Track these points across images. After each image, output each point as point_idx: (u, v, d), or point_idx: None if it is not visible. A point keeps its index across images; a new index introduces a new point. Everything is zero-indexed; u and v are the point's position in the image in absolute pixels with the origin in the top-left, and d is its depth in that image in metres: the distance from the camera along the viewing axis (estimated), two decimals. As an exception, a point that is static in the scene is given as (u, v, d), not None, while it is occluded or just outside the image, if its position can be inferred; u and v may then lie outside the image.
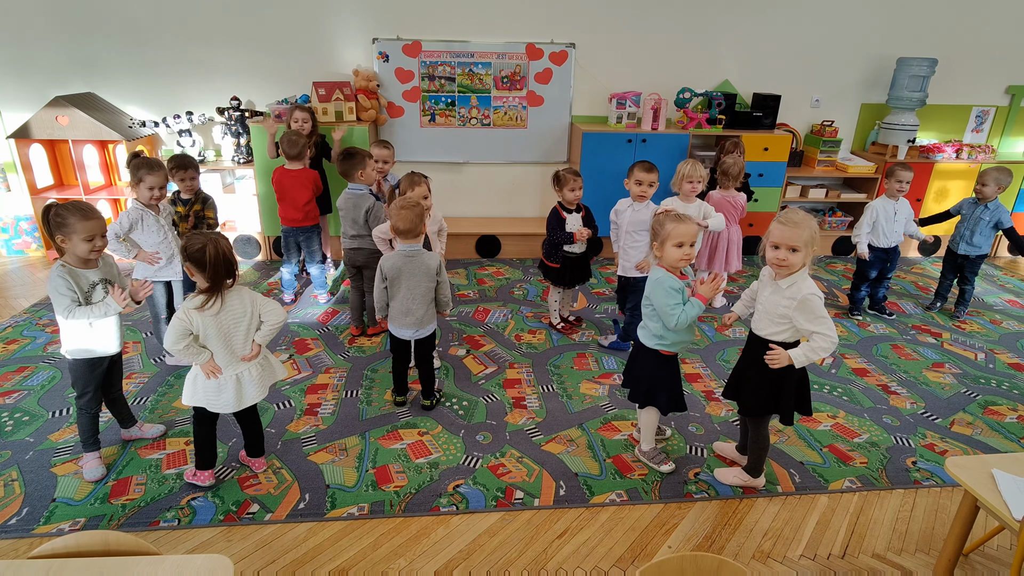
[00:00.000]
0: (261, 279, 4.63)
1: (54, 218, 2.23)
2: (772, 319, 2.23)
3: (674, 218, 2.30)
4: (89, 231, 2.24)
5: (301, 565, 2.14)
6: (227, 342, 2.26)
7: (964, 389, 3.38)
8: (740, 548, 2.27)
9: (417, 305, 2.81)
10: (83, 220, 2.23)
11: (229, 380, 2.31)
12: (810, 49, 5.25)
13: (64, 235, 2.23)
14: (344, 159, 3.53)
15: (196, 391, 2.32)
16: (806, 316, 2.13)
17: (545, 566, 2.17)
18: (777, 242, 2.14)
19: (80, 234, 2.23)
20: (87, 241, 2.24)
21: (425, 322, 2.86)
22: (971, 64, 5.40)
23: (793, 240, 2.10)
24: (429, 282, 2.80)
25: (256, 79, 4.90)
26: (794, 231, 2.10)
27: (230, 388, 2.31)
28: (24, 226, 4.88)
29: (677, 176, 3.62)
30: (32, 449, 2.67)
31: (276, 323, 2.33)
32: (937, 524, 2.41)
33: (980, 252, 4.08)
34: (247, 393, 2.36)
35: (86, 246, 2.25)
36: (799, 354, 2.15)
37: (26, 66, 4.69)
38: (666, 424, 2.93)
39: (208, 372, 2.26)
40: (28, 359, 3.40)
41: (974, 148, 5.31)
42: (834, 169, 5.35)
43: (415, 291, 2.79)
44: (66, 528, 2.26)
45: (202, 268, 2.12)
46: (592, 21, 4.98)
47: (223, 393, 2.31)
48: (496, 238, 5.18)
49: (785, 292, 2.17)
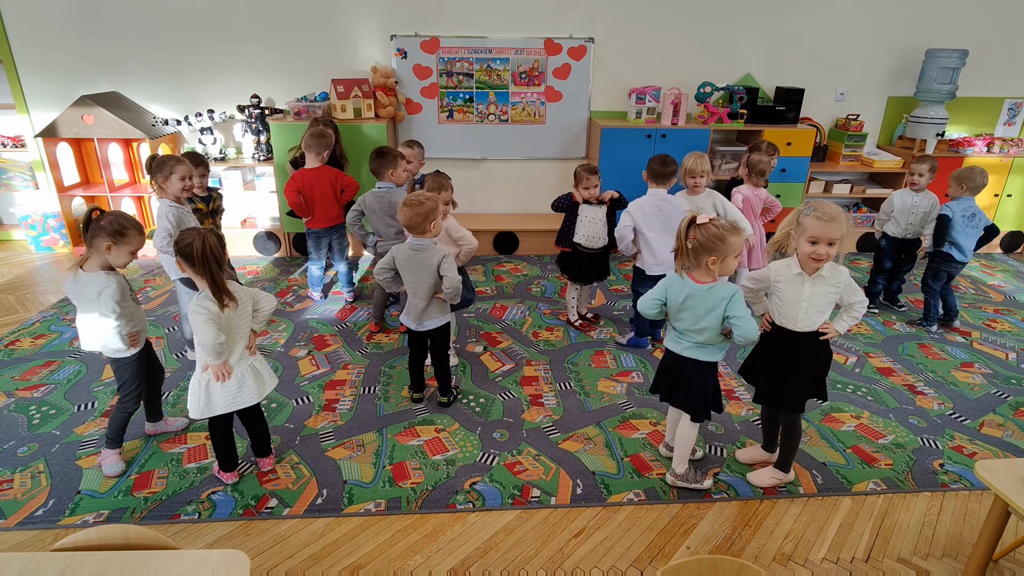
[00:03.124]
0: (281, 275, 4.67)
1: (110, 224, 2.29)
2: (821, 309, 2.28)
3: (733, 230, 2.17)
4: (139, 245, 2.38)
5: (318, 560, 2.15)
6: (237, 339, 2.28)
7: (994, 390, 3.29)
8: (760, 550, 2.23)
9: (419, 299, 2.82)
10: (139, 235, 2.35)
11: (247, 373, 2.34)
12: (835, 41, 5.13)
13: (116, 243, 2.31)
14: (376, 157, 3.53)
15: (211, 400, 2.29)
16: (851, 292, 2.29)
17: (561, 565, 2.15)
18: (816, 237, 2.15)
19: (131, 246, 2.35)
20: (132, 254, 2.37)
21: (427, 316, 2.85)
22: (1003, 55, 5.24)
23: (833, 234, 2.13)
24: (431, 278, 2.78)
25: (275, 77, 4.94)
26: (833, 226, 2.13)
27: (250, 380, 2.34)
28: (52, 223, 4.98)
29: (680, 170, 3.56)
30: (58, 442, 2.73)
31: (270, 309, 2.40)
32: (965, 529, 2.34)
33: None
34: (267, 380, 2.42)
35: (129, 258, 2.37)
36: (844, 326, 2.32)
37: (53, 66, 4.78)
38: (698, 444, 2.79)
39: (220, 374, 2.27)
40: (55, 353, 3.48)
41: (1006, 142, 5.15)
42: (859, 164, 5.23)
43: (417, 285, 2.80)
44: (90, 520, 2.31)
45: (191, 262, 2.13)
46: (611, 15, 4.92)
47: (244, 388, 2.33)
48: (514, 235, 5.17)
49: (829, 280, 2.24)
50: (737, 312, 2.19)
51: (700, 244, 2.17)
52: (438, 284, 2.80)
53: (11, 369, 3.32)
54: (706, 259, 2.18)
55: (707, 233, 2.15)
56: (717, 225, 2.16)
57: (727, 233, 2.14)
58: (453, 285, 2.75)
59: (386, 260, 2.84)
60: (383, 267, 2.84)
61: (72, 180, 4.92)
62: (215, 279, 2.14)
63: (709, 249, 2.16)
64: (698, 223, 2.17)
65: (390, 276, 2.85)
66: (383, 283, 2.88)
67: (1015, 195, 5.20)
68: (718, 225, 2.16)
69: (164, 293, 4.29)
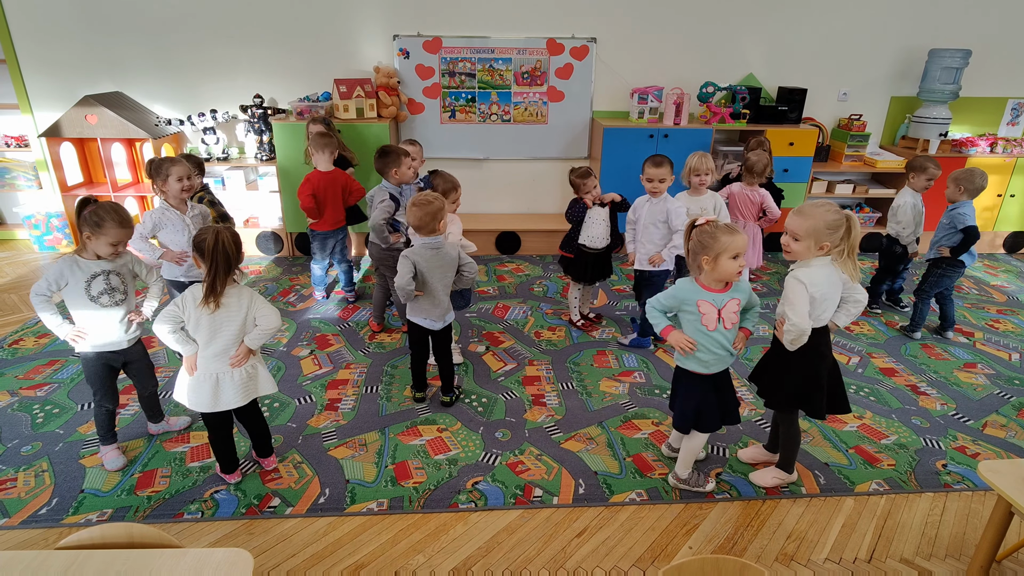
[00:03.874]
0: (283, 275, 4.68)
1: (91, 215, 2.26)
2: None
3: (727, 230, 2.15)
4: (118, 238, 2.30)
5: (320, 559, 2.15)
6: (213, 338, 2.23)
7: (997, 390, 3.28)
8: (763, 550, 2.23)
9: (443, 296, 2.86)
10: (118, 227, 2.29)
11: (207, 379, 2.27)
12: (837, 41, 5.13)
13: (93, 233, 2.27)
14: (380, 156, 3.53)
15: (181, 388, 2.33)
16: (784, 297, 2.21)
17: (564, 565, 2.15)
18: (785, 228, 2.24)
19: (109, 237, 2.28)
20: (111, 245, 2.31)
21: (449, 310, 2.92)
22: (1007, 55, 5.23)
23: (794, 228, 2.18)
24: (452, 273, 2.85)
25: (278, 77, 4.94)
26: (796, 220, 2.18)
27: (207, 387, 2.27)
28: (55, 223, 4.99)
29: (684, 169, 3.57)
30: (62, 441, 2.74)
31: (269, 328, 2.26)
32: (968, 529, 2.34)
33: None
34: (223, 396, 2.28)
35: (109, 249, 2.31)
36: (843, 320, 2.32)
37: (57, 65, 4.79)
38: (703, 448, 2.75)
39: (188, 367, 2.27)
40: (58, 352, 3.48)
41: (1009, 142, 5.14)
42: (862, 164, 5.23)
43: (443, 282, 2.83)
44: (94, 518, 2.31)
45: (202, 255, 2.14)
46: (613, 15, 4.92)
47: (198, 392, 2.28)
48: (516, 235, 5.17)
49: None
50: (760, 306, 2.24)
51: (695, 244, 2.21)
52: (452, 278, 2.87)
53: (15, 368, 3.32)
54: (700, 259, 2.20)
55: (701, 232, 2.19)
56: (713, 224, 2.18)
57: (719, 232, 2.15)
58: (474, 270, 2.88)
59: (407, 269, 2.72)
60: (406, 278, 2.71)
61: (75, 180, 4.93)
62: (215, 277, 2.14)
63: (703, 247, 2.17)
64: (696, 225, 2.20)
65: (413, 285, 2.76)
66: (406, 296, 2.77)
67: (1018, 195, 5.19)
68: (713, 224, 2.18)
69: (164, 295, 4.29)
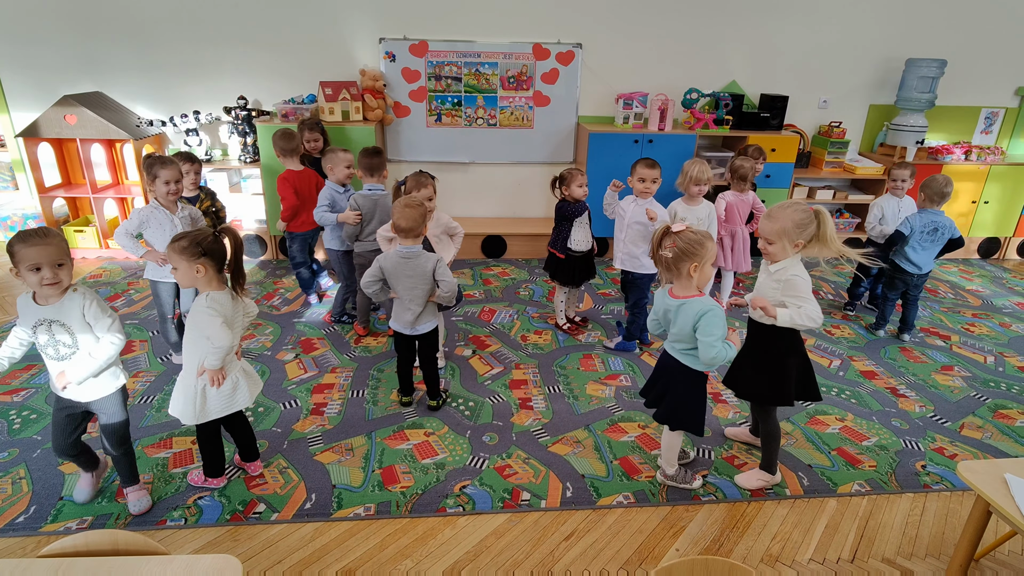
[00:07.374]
0: (267, 278, 4.63)
1: (7, 250, 1.95)
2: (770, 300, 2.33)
3: (708, 236, 2.16)
4: (33, 259, 1.90)
5: (308, 565, 2.13)
6: (236, 339, 2.28)
7: (973, 392, 3.35)
8: (748, 551, 2.25)
9: (414, 306, 2.81)
10: (26, 247, 1.90)
11: (240, 376, 2.34)
12: (818, 50, 5.22)
13: (16, 268, 1.94)
14: (373, 155, 3.50)
15: (207, 404, 2.27)
16: (790, 295, 2.25)
17: (552, 568, 2.16)
18: (759, 232, 2.32)
19: (24, 262, 1.90)
20: (32, 271, 1.92)
21: (422, 320, 2.85)
22: (981, 65, 5.37)
23: (766, 232, 2.27)
24: (425, 284, 2.77)
25: (263, 79, 4.90)
26: (767, 223, 2.26)
27: (243, 382, 2.35)
28: (32, 225, 4.90)
29: (683, 177, 3.59)
30: (40, 447, 2.68)
31: (254, 313, 2.43)
32: (947, 529, 2.39)
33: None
34: (256, 382, 2.44)
35: (33, 276, 1.92)
36: (784, 312, 2.22)
37: (35, 65, 4.71)
38: (689, 447, 2.80)
39: (217, 379, 2.25)
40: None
41: (983, 150, 5.27)
42: (842, 170, 5.32)
43: (412, 292, 2.78)
44: (73, 527, 2.27)
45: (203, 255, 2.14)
46: (599, 21, 4.96)
47: (239, 390, 2.33)
48: (502, 238, 5.17)
49: (774, 275, 2.31)
50: (706, 332, 2.11)
51: (681, 251, 2.14)
52: (432, 289, 2.80)
53: (-10, 373, 3.25)
54: (687, 266, 2.16)
55: (687, 239, 2.14)
56: (695, 231, 2.17)
57: (705, 239, 2.16)
58: (451, 288, 2.75)
59: (373, 271, 2.76)
60: (371, 279, 2.77)
61: (53, 181, 4.84)
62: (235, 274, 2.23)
63: (690, 255, 2.14)
64: (674, 231, 2.16)
65: (378, 287, 2.79)
66: (372, 295, 2.82)
67: (992, 202, 5.32)
68: (695, 231, 2.17)
69: (147, 296, 4.23)
